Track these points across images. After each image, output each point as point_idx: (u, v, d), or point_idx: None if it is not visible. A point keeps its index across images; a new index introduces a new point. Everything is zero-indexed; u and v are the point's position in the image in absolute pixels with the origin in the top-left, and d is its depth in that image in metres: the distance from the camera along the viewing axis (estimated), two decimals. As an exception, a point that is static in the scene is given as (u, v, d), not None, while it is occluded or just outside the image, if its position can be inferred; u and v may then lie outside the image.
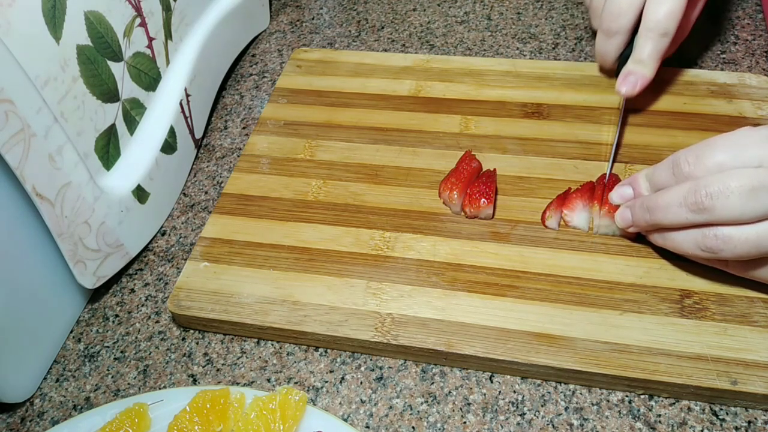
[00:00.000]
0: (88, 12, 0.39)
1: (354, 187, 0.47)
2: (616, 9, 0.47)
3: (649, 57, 0.46)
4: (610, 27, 0.48)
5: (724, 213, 0.33)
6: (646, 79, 0.47)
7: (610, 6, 0.48)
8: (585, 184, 0.43)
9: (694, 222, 0.35)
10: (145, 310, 0.43)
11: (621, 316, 0.38)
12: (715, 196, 0.33)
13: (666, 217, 0.36)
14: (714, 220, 0.34)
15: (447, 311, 0.39)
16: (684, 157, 0.36)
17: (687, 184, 0.35)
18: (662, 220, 0.36)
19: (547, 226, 0.43)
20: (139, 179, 0.44)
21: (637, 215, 0.38)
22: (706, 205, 0.34)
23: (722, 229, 0.34)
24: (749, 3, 0.62)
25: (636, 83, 0.47)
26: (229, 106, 0.57)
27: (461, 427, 0.36)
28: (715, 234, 0.34)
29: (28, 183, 0.34)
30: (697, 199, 0.34)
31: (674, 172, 0.36)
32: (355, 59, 0.57)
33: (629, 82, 0.47)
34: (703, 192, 0.34)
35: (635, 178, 0.40)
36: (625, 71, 0.47)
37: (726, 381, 0.35)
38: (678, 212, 0.35)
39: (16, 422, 0.38)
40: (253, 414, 0.35)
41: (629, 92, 0.47)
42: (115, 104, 0.43)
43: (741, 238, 0.33)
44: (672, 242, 0.37)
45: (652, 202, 0.37)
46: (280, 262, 0.42)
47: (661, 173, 0.37)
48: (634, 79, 0.47)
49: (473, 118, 0.51)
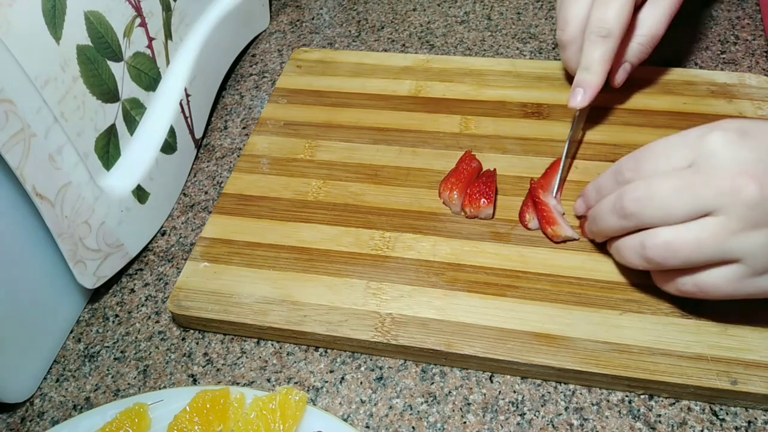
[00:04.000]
0: (88, 12, 0.39)
1: (354, 187, 0.47)
2: (562, 18, 0.47)
3: (595, 62, 0.44)
4: (561, 37, 0.48)
5: (648, 216, 0.33)
6: (594, 86, 0.45)
7: (559, 16, 0.48)
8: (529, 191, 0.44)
9: (626, 228, 0.35)
10: (145, 310, 0.43)
11: (621, 316, 0.38)
12: (640, 199, 0.33)
13: (603, 225, 0.36)
14: (643, 225, 0.34)
15: (447, 311, 0.39)
16: (625, 163, 0.36)
17: (617, 191, 0.35)
18: (601, 229, 0.37)
19: (529, 228, 0.43)
20: (139, 179, 0.44)
21: (587, 226, 0.39)
22: (632, 210, 0.34)
23: (658, 234, 0.33)
24: (749, 3, 0.62)
25: (584, 94, 0.45)
26: (229, 106, 0.57)
27: (461, 427, 0.36)
28: (653, 242, 0.33)
29: (28, 183, 0.34)
30: (623, 204, 0.34)
31: (617, 179, 0.36)
32: (355, 59, 0.57)
33: (576, 94, 0.46)
34: (628, 197, 0.34)
35: (585, 189, 0.40)
36: (574, 83, 0.46)
37: (726, 381, 0.35)
38: (610, 219, 0.35)
39: (16, 422, 0.38)
40: (253, 414, 0.35)
41: (579, 104, 0.45)
42: (115, 104, 0.43)
43: (678, 242, 0.32)
44: (621, 256, 0.37)
45: (593, 212, 0.38)
46: (279, 262, 0.42)
47: (606, 181, 0.37)
48: (582, 90, 0.45)
49: (473, 118, 0.51)
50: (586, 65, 0.45)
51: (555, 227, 0.41)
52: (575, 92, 0.46)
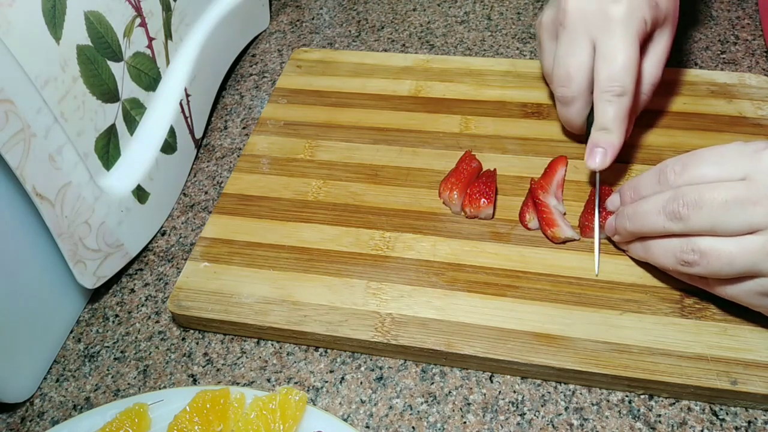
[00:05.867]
0: (88, 12, 0.39)
1: (354, 187, 0.47)
2: (564, 74, 0.43)
3: (612, 122, 0.41)
4: (564, 94, 0.44)
5: (697, 223, 0.33)
6: (615, 147, 0.41)
7: (558, 71, 0.44)
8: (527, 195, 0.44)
9: (670, 231, 0.35)
10: (145, 310, 0.43)
11: (621, 316, 0.38)
12: (690, 205, 0.33)
13: (644, 225, 0.36)
14: (689, 231, 0.34)
15: (447, 311, 0.39)
16: (671, 166, 0.36)
17: (668, 193, 0.35)
18: (641, 227, 0.37)
19: (529, 228, 0.43)
20: (139, 179, 0.44)
21: (619, 223, 0.39)
22: (682, 214, 0.34)
23: (699, 242, 0.34)
24: (749, 3, 0.62)
25: (605, 155, 0.41)
26: (229, 106, 0.57)
27: (461, 427, 0.36)
28: (692, 248, 0.34)
29: (28, 183, 0.34)
30: (674, 208, 0.34)
31: (660, 180, 0.36)
32: (355, 59, 0.57)
33: (597, 154, 0.41)
34: (680, 201, 0.34)
35: (623, 187, 0.40)
36: (591, 143, 0.42)
37: (726, 381, 0.35)
38: (656, 220, 0.35)
39: (16, 422, 0.38)
40: (253, 414, 0.35)
41: (599, 166, 0.41)
42: (115, 104, 0.43)
43: (715, 254, 0.33)
44: (652, 254, 0.37)
45: (632, 210, 0.37)
46: (280, 262, 0.42)
47: (647, 181, 0.37)
48: (602, 151, 0.41)
49: (473, 118, 0.51)
50: (603, 125, 0.41)
51: (555, 229, 0.41)
52: (594, 153, 0.42)
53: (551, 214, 0.42)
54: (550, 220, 0.41)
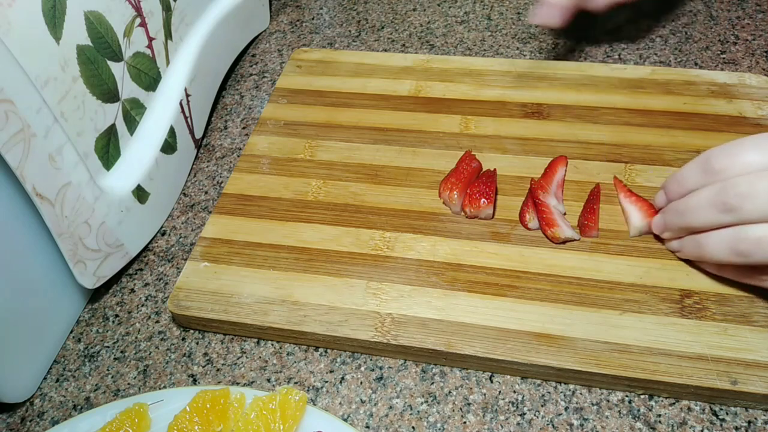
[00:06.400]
0: (88, 12, 0.39)
1: (354, 187, 0.47)
2: None
3: None
4: None
5: (752, 213, 0.33)
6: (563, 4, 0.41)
7: None
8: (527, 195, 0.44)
9: (723, 223, 0.35)
10: (145, 310, 0.43)
11: (621, 316, 0.38)
12: (743, 196, 0.33)
13: (697, 219, 0.36)
14: (743, 221, 0.34)
15: (447, 311, 0.39)
16: (715, 155, 0.36)
17: (717, 185, 0.35)
18: (692, 221, 0.37)
19: (529, 228, 0.43)
20: (139, 179, 0.44)
21: (669, 219, 0.39)
22: (735, 205, 0.34)
23: (754, 229, 0.34)
24: (749, 3, 0.62)
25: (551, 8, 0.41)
26: (229, 106, 0.57)
27: (461, 427, 0.36)
28: (746, 236, 0.34)
29: (28, 183, 0.34)
30: (726, 199, 0.34)
31: (704, 169, 0.36)
32: (355, 59, 0.57)
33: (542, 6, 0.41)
34: (731, 192, 0.34)
35: (666, 182, 0.40)
36: None
37: (726, 381, 0.35)
38: (708, 213, 0.35)
39: (16, 422, 0.38)
40: (253, 414, 0.35)
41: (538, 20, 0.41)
42: (115, 104, 0.43)
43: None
44: (704, 247, 0.37)
45: (683, 205, 0.37)
46: (279, 262, 0.42)
47: (690, 173, 0.37)
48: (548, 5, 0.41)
49: (473, 118, 0.51)
50: None
51: (555, 229, 0.41)
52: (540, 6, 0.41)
53: (551, 214, 0.42)
54: (550, 220, 0.41)
